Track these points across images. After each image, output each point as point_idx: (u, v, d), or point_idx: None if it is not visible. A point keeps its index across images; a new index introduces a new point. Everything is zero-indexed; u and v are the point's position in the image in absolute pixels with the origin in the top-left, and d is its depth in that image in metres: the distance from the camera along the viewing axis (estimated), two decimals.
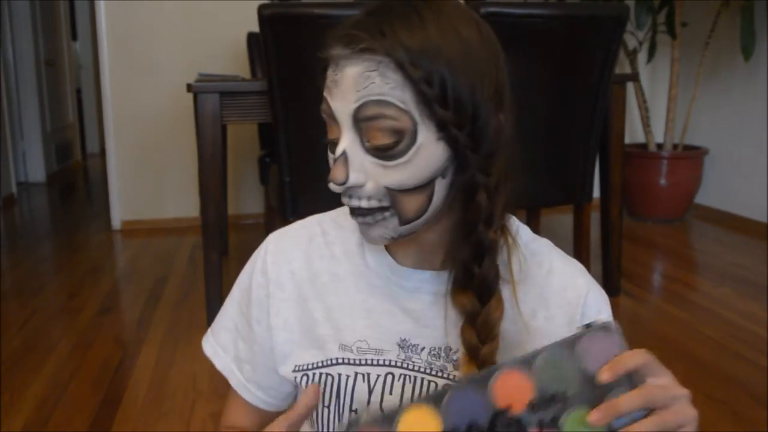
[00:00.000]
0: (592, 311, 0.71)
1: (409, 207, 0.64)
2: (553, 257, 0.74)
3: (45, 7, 5.51)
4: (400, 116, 0.61)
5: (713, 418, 1.76)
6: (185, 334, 2.34)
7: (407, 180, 0.63)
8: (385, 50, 0.60)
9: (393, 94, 0.61)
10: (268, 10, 1.95)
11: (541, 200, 2.52)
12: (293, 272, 0.76)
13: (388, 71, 0.60)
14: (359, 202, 0.65)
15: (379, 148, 0.62)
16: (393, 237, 0.66)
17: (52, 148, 5.68)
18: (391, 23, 0.61)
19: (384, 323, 0.72)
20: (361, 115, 0.62)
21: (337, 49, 0.63)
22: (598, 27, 2.21)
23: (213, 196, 2.29)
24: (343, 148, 0.63)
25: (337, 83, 0.63)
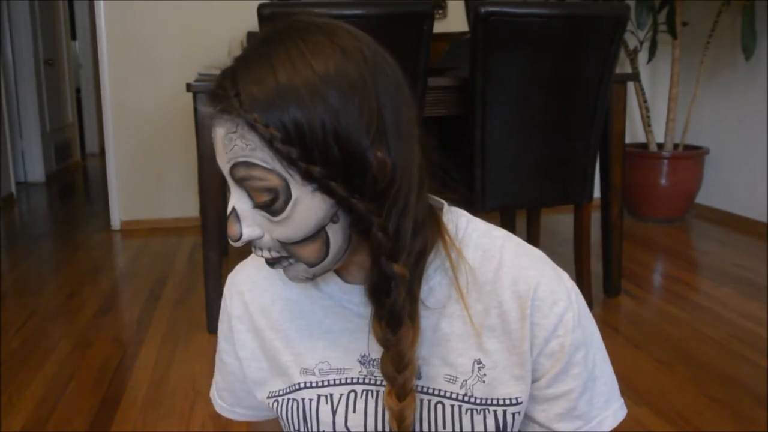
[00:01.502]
0: (545, 304, 0.67)
1: (307, 255, 0.64)
2: (505, 250, 0.70)
3: (44, 7, 5.50)
4: (267, 175, 0.60)
5: (713, 418, 1.75)
6: (185, 334, 2.34)
7: (293, 234, 0.62)
8: (237, 112, 0.58)
9: (255, 156, 0.59)
10: (268, 10, 1.95)
11: (541, 200, 2.51)
12: (246, 304, 0.78)
13: (245, 133, 0.59)
14: (262, 253, 0.65)
15: (260, 205, 0.62)
16: (308, 277, 0.66)
17: (52, 147, 5.68)
18: (244, 78, 0.60)
19: (342, 342, 0.72)
20: (234, 175, 0.62)
21: (209, 105, 0.62)
22: (598, 27, 2.21)
23: (213, 196, 2.28)
24: (232, 205, 0.63)
25: (214, 142, 0.63)
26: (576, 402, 0.69)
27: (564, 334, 0.67)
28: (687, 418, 1.75)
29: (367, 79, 0.60)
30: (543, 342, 0.67)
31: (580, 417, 0.70)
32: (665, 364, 2.08)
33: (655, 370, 2.04)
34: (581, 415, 0.70)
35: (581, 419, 0.70)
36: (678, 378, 1.99)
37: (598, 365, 0.71)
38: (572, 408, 0.69)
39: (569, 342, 0.67)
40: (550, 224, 3.62)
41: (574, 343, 0.68)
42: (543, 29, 2.14)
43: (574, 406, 0.69)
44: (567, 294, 0.68)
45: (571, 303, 0.68)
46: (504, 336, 0.68)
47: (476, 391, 0.68)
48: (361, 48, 0.62)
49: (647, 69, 4.13)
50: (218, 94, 0.60)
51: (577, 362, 0.68)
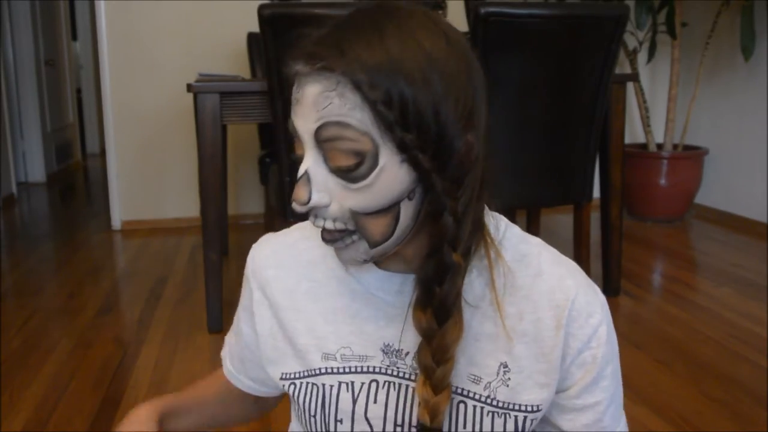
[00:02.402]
0: (581, 315, 0.67)
1: (374, 230, 0.62)
2: (543, 258, 0.70)
3: (45, 7, 5.51)
4: (360, 138, 0.59)
5: (713, 418, 1.76)
6: (185, 334, 2.34)
7: (370, 203, 0.61)
8: (342, 70, 0.58)
9: (352, 116, 0.59)
10: (268, 10, 1.95)
11: (541, 200, 2.52)
12: (269, 281, 0.76)
13: (346, 92, 0.58)
14: (324, 223, 0.63)
15: (341, 170, 0.60)
16: (365, 260, 0.65)
17: (52, 148, 5.68)
18: (350, 40, 0.59)
19: (367, 329, 0.71)
20: (321, 135, 0.60)
21: (299, 65, 0.61)
22: (598, 27, 2.21)
23: (213, 196, 2.29)
24: (305, 168, 0.62)
25: (299, 101, 0.61)
26: (603, 414, 0.70)
27: (597, 346, 0.68)
28: (686, 418, 1.76)
29: (464, 68, 0.62)
30: (576, 352, 0.68)
31: (605, 428, 0.70)
32: (665, 364, 2.08)
33: (655, 370, 2.04)
34: (606, 426, 0.70)
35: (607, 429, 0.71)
36: (678, 378, 1.99)
37: (618, 380, 0.72)
38: (599, 420, 0.70)
39: (601, 354, 0.68)
40: (550, 224, 3.62)
41: (606, 356, 0.68)
42: (543, 29, 2.15)
43: (600, 419, 0.70)
44: (602, 306, 0.69)
45: (605, 316, 0.69)
46: (534, 343, 0.68)
47: (499, 395, 0.68)
48: (460, 39, 0.64)
49: (647, 69, 4.13)
50: (318, 53, 0.59)
51: (606, 375, 0.69)
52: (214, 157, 2.27)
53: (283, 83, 2.04)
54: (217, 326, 2.33)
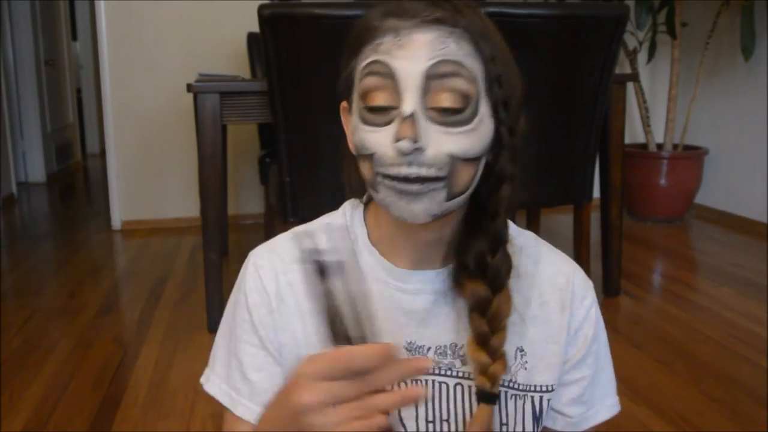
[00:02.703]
0: (578, 296, 0.74)
1: (461, 179, 0.64)
2: (539, 247, 0.76)
3: (45, 7, 5.51)
4: (470, 82, 0.63)
5: (713, 418, 1.76)
6: (185, 334, 2.34)
7: (470, 148, 0.63)
8: (459, 23, 0.63)
9: (466, 61, 0.63)
10: (268, 10, 1.95)
11: (541, 200, 2.51)
12: (291, 284, 0.73)
13: (461, 41, 0.63)
14: (419, 170, 0.62)
15: (447, 111, 0.62)
16: (435, 214, 0.64)
17: (52, 148, 5.68)
18: (459, 7, 0.64)
19: (388, 329, 0.70)
20: (435, 71, 0.61)
21: (393, 21, 0.63)
22: (598, 27, 2.21)
23: (213, 196, 2.29)
24: (412, 110, 0.61)
25: (403, 46, 0.62)
26: (584, 389, 0.75)
27: (589, 326, 0.75)
28: (687, 418, 1.76)
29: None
30: (573, 332, 0.74)
31: (584, 403, 0.76)
32: (665, 364, 2.08)
33: (655, 370, 2.04)
34: (586, 401, 0.76)
35: (585, 405, 0.76)
36: (678, 378, 1.99)
37: (602, 359, 0.77)
38: (581, 394, 0.75)
39: (591, 334, 0.75)
40: (550, 224, 3.62)
41: (593, 335, 0.75)
42: (543, 29, 2.15)
43: (582, 393, 0.75)
44: (592, 289, 0.77)
45: (595, 297, 0.77)
46: (543, 326, 0.73)
47: (519, 378, 0.72)
48: None
49: (647, 69, 4.13)
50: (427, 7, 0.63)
51: (592, 353, 0.75)
52: (214, 157, 2.27)
53: (283, 82, 2.04)
54: (217, 326, 2.32)
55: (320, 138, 2.06)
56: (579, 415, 0.76)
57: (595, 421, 0.77)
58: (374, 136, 0.63)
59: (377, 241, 0.73)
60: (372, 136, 0.63)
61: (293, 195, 2.14)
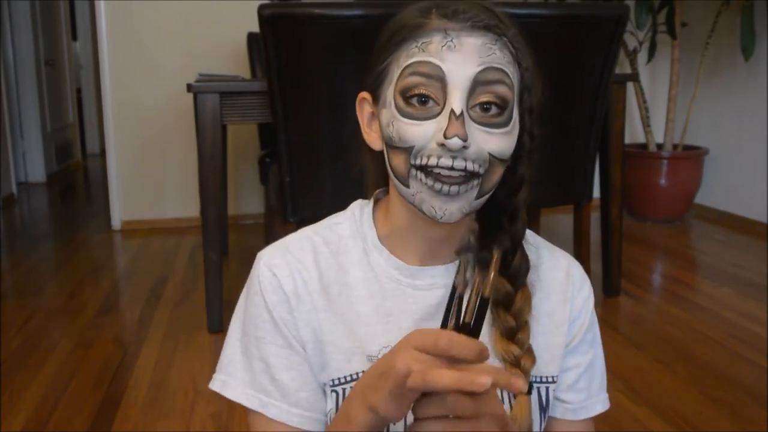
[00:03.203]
0: (576, 287, 0.77)
1: (493, 177, 0.67)
2: (539, 243, 0.79)
3: (45, 7, 5.51)
4: (510, 89, 0.66)
5: (713, 418, 1.76)
6: (185, 334, 2.34)
7: (507, 149, 0.67)
8: (504, 31, 0.66)
9: (508, 68, 0.66)
10: (268, 10, 1.95)
11: (541, 200, 2.51)
12: (306, 282, 0.73)
13: (505, 49, 0.66)
14: (464, 164, 0.64)
15: (489, 110, 0.65)
16: (465, 212, 0.67)
17: (52, 148, 5.68)
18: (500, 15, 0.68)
19: (403, 324, 0.72)
20: (482, 77, 0.65)
21: (441, 22, 0.66)
22: (598, 27, 2.21)
23: (213, 196, 2.29)
24: (462, 109, 0.64)
25: (453, 49, 0.65)
26: (579, 377, 0.77)
27: (584, 315, 0.78)
28: (687, 418, 1.76)
29: None
30: (571, 321, 0.77)
31: (581, 390, 0.78)
32: (665, 364, 2.08)
33: (655, 370, 2.04)
34: (582, 389, 0.78)
35: (582, 393, 0.78)
36: (678, 378, 1.99)
37: (597, 351, 0.80)
38: (576, 381, 0.77)
39: (587, 323, 0.78)
40: (550, 224, 3.62)
41: (588, 324, 0.78)
42: (543, 29, 2.14)
43: (577, 380, 0.77)
44: (588, 280, 0.80)
45: (591, 288, 0.80)
46: (546, 318, 0.75)
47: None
48: None
49: (647, 69, 4.13)
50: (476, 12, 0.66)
51: (587, 340, 0.78)
52: (214, 157, 2.27)
53: (283, 82, 2.04)
54: (217, 326, 2.33)
55: (320, 138, 2.06)
56: (578, 402, 0.78)
57: (594, 411, 0.79)
58: (415, 129, 0.65)
59: (386, 239, 0.75)
60: (413, 129, 0.65)
61: (293, 195, 2.14)
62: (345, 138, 0.76)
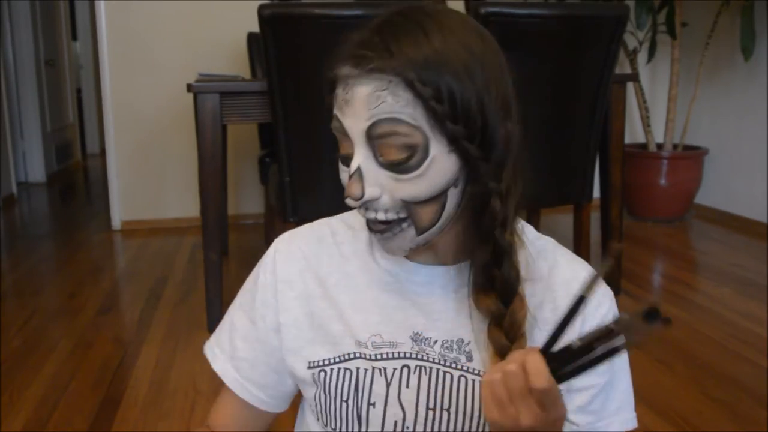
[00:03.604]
0: (592, 304, 0.72)
1: (424, 217, 0.66)
2: (558, 253, 0.77)
3: (45, 7, 5.51)
4: (412, 132, 0.63)
5: (713, 418, 1.76)
6: (185, 334, 2.34)
7: (421, 192, 0.64)
8: (394, 70, 0.61)
9: (404, 112, 0.62)
10: (268, 10, 1.95)
11: (541, 200, 2.51)
12: (302, 270, 0.77)
13: (398, 90, 0.62)
14: (376, 215, 0.66)
15: (393, 163, 0.64)
16: (411, 247, 0.68)
17: (52, 148, 5.68)
18: (397, 40, 0.63)
19: (396, 318, 0.73)
20: (373, 132, 0.63)
21: (345, 69, 0.64)
22: (598, 27, 2.21)
23: (213, 196, 2.29)
24: (357, 164, 0.64)
25: (348, 102, 0.64)
26: (592, 398, 0.74)
27: None
28: (687, 418, 1.76)
29: (499, 62, 0.67)
30: None
31: (593, 413, 0.74)
32: (665, 364, 2.08)
33: (655, 370, 2.04)
34: (593, 412, 0.74)
35: (593, 415, 0.75)
36: (678, 378, 1.99)
37: (618, 373, 0.76)
38: (588, 403, 0.74)
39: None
40: (550, 224, 3.62)
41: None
42: (543, 29, 2.15)
43: (590, 402, 0.74)
44: (611, 300, 0.75)
45: (612, 307, 0.74)
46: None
47: None
48: (489, 35, 0.69)
49: (647, 69, 4.13)
50: (366, 55, 0.62)
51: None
52: (214, 157, 2.27)
53: (283, 82, 2.04)
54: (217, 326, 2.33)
55: (320, 138, 2.06)
56: (587, 424, 0.75)
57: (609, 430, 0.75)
58: (345, 177, 0.67)
59: None
60: (344, 177, 0.67)
61: (293, 195, 2.14)
62: None
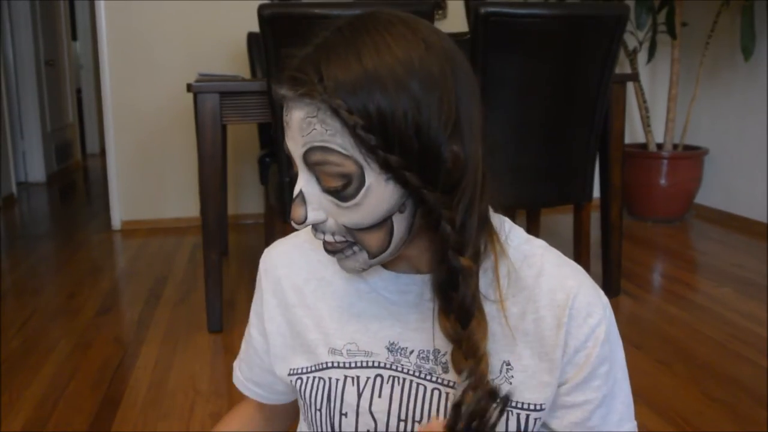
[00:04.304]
0: (581, 314, 0.67)
1: (371, 243, 0.64)
2: (546, 259, 0.71)
3: (45, 7, 5.51)
4: (344, 161, 0.60)
5: (713, 418, 1.76)
6: (185, 334, 2.34)
7: (361, 220, 0.63)
8: (321, 96, 0.59)
9: (334, 141, 0.60)
10: (268, 10, 1.95)
11: (541, 200, 2.52)
12: (279, 279, 0.79)
13: (326, 118, 0.59)
14: (324, 236, 0.65)
15: (330, 191, 0.62)
16: (364, 268, 0.67)
17: (52, 148, 5.68)
18: (327, 61, 0.60)
19: (372, 327, 0.73)
20: (308, 159, 0.62)
21: (284, 89, 0.62)
22: (598, 27, 2.21)
23: (213, 196, 2.29)
24: (299, 189, 0.64)
25: (288, 125, 0.63)
26: (591, 414, 0.69)
27: (593, 346, 0.68)
28: (687, 418, 1.76)
29: (447, 74, 0.61)
30: (573, 351, 0.68)
31: (592, 429, 0.70)
32: (665, 364, 2.08)
33: (655, 370, 2.04)
34: (593, 427, 0.70)
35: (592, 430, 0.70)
36: (678, 378, 1.99)
37: (618, 383, 0.71)
38: (586, 419, 0.70)
39: (596, 354, 0.68)
40: (550, 224, 3.62)
41: (600, 356, 0.68)
42: (543, 29, 2.15)
43: (588, 417, 0.70)
44: (603, 308, 0.69)
45: (604, 317, 0.69)
46: (536, 342, 0.68)
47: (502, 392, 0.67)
48: (442, 43, 0.63)
49: (647, 69, 4.13)
50: (299, 78, 0.60)
51: (599, 375, 0.69)
52: (214, 157, 2.27)
53: None
54: (217, 326, 2.33)
55: None
56: None
57: None
58: None
59: None
60: None
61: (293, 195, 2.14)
62: None
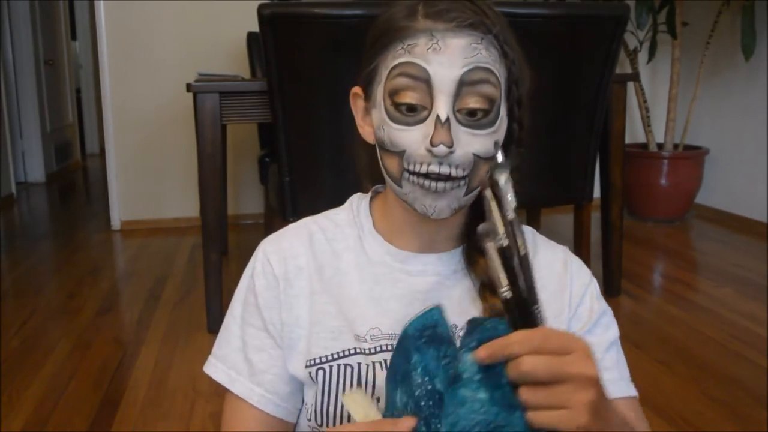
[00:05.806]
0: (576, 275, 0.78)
1: (479, 175, 0.68)
2: (537, 238, 0.81)
3: (45, 7, 5.51)
4: (496, 86, 0.67)
5: (714, 418, 1.75)
6: (185, 334, 2.34)
7: (492, 148, 0.68)
8: (489, 29, 0.66)
9: (495, 66, 0.67)
10: (268, 10, 1.95)
11: (541, 200, 2.51)
12: (301, 267, 0.77)
13: (491, 47, 0.67)
14: (449, 170, 0.66)
15: (475, 114, 0.66)
16: (455, 208, 0.69)
17: (52, 148, 5.68)
18: (486, 10, 0.68)
19: (393, 308, 0.74)
20: (467, 78, 0.65)
21: (432, 23, 0.66)
22: (598, 27, 2.21)
23: (213, 196, 2.28)
24: (447, 114, 0.65)
25: (438, 51, 0.65)
26: (603, 354, 0.75)
27: (589, 300, 0.77)
28: (687, 418, 1.75)
29: None
30: (575, 307, 0.76)
31: (609, 369, 0.75)
32: (665, 364, 2.08)
33: (655, 370, 2.04)
34: (609, 368, 0.75)
35: (612, 371, 0.76)
36: (678, 378, 1.99)
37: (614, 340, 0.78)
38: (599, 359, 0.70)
39: (596, 309, 0.77)
40: (550, 224, 3.62)
41: (599, 309, 0.77)
42: (543, 29, 2.14)
43: (601, 358, 0.74)
44: (588, 271, 0.80)
45: (592, 277, 0.80)
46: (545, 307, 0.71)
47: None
48: None
49: (647, 69, 4.13)
50: (459, 11, 0.66)
51: (601, 324, 0.77)
52: (213, 156, 2.27)
53: (283, 82, 2.03)
54: (217, 326, 2.31)
55: (320, 138, 2.06)
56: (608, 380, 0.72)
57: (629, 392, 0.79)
58: (405, 135, 0.67)
59: (383, 230, 0.78)
60: (403, 135, 0.67)
61: (293, 195, 2.13)
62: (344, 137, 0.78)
